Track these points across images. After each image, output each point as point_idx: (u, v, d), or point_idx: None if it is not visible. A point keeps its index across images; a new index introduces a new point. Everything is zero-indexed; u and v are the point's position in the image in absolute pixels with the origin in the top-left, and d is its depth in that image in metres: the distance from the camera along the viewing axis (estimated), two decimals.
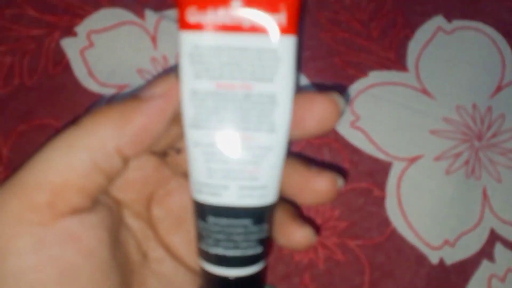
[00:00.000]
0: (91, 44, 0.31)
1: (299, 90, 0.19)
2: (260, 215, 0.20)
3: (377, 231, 0.29)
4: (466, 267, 0.29)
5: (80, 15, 0.31)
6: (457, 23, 0.32)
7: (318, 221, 0.29)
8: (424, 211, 0.29)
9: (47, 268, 0.16)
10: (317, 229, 0.29)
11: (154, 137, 0.19)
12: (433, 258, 0.29)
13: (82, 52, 0.31)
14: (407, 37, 0.32)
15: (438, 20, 0.32)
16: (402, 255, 0.29)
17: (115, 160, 0.18)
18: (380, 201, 0.29)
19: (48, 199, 0.17)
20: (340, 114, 0.19)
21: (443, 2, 0.32)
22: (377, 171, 0.30)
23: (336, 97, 0.19)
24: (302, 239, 0.21)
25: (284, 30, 0.17)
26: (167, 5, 0.32)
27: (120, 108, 0.18)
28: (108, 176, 0.18)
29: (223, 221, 0.19)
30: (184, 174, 0.23)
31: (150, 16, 0.31)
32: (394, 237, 0.29)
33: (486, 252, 0.29)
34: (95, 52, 0.31)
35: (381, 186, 0.29)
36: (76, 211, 0.17)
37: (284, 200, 0.22)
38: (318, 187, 0.20)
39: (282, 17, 0.17)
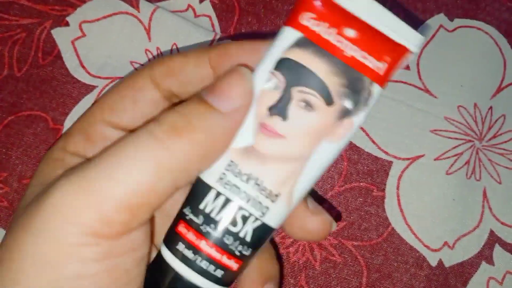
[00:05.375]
0: (83, 34, 0.30)
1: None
2: None
3: (376, 232, 0.28)
4: (465, 270, 0.28)
5: (72, 4, 0.30)
6: (458, 21, 0.32)
7: None
8: (424, 212, 0.28)
9: (105, 276, 0.17)
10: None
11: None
12: (432, 260, 0.28)
13: (73, 43, 0.30)
14: None
15: (439, 18, 0.31)
16: (401, 257, 0.28)
17: (190, 180, 0.18)
18: (379, 201, 0.29)
19: (125, 219, 0.16)
20: (328, 234, 0.21)
21: (445, 0, 0.32)
22: (376, 170, 0.29)
23: (332, 222, 0.21)
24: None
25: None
26: None
27: (205, 127, 0.17)
28: (178, 189, 0.18)
29: None
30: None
31: (145, 6, 0.30)
32: (393, 238, 0.28)
33: (485, 255, 0.28)
34: (87, 43, 0.30)
35: (380, 186, 0.29)
36: (143, 225, 0.18)
37: (268, 257, 0.22)
38: (311, 227, 0.20)
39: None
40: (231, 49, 0.20)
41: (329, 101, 0.18)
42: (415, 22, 0.31)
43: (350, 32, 0.17)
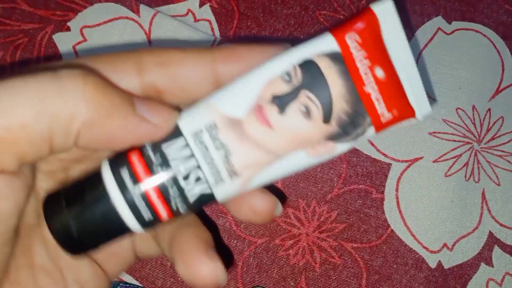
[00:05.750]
0: (84, 39, 0.30)
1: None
2: None
3: (375, 234, 0.28)
4: (464, 271, 0.28)
5: (73, 9, 0.31)
6: (456, 24, 0.32)
7: (315, 223, 0.28)
8: (423, 214, 0.29)
9: None
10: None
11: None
12: (431, 261, 0.28)
13: (74, 47, 0.30)
14: (407, 37, 0.31)
15: (438, 21, 0.32)
16: (400, 259, 0.28)
17: (67, 146, 0.16)
18: (378, 203, 0.29)
19: None
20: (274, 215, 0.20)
21: (443, 3, 0.32)
22: (375, 172, 0.29)
23: (279, 204, 0.20)
24: (208, 275, 0.18)
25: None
26: (162, 0, 0.31)
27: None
28: (54, 150, 0.16)
29: None
30: None
31: (145, 11, 0.30)
32: (392, 240, 0.28)
33: (484, 256, 0.28)
34: (88, 47, 0.30)
35: (380, 188, 0.29)
36: (5, 174, 0.16)
37: (199, 225, 0.20)
38: (256, 206, 0.19)
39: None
40: (240, 51, 0.19)
41: (327, 120, 0.18)
42: (414, 25, 0.31)
43: (379, 72, 0.18)
